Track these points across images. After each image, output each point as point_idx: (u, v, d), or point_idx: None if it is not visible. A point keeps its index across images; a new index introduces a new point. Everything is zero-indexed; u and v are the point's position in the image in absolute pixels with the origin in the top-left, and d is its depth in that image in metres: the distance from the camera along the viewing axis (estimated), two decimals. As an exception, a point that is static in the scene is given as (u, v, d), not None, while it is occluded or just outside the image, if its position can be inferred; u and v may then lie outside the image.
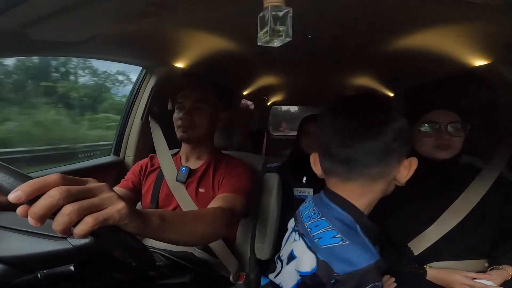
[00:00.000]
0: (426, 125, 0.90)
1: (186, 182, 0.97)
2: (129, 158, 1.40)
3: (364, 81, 2.12)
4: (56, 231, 0.32)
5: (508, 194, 0.88)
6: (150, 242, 0.87)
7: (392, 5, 0.82)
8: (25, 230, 0.41)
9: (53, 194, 0.31)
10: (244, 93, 2.40)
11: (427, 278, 0.83)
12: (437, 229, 0.86)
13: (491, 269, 0.82)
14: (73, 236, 0.34)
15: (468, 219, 0.85)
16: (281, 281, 0.62)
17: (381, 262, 0.50)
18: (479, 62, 1.13)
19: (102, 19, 0.79)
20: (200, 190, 0.96)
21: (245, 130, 2.63)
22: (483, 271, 0.83)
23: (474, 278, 0.80)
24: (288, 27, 0.43)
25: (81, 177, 0.36)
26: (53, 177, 0.33)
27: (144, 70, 1.36)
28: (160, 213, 0.48)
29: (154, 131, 1.24)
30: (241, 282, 0.96)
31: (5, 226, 0.42)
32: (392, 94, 2.17)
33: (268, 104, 3.25)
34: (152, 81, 1.37)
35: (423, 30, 1.00)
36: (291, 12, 0.43)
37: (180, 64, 1.35)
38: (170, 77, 1.40)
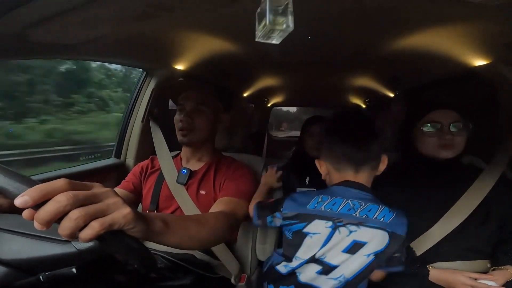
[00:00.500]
0: (429, 125, 0.90)
1: (187, 184, 0.97)
2: (130, 161, 1.40)
3: (364, 82, 2.12)
4: (62, 235, 0.32)
5: (510, 194, 0.88)
6: (152, 244, 0.87)
7: (392, 6, 0.82)
8: (29, 233, 0.41)
9: (61, 200, 0.32)
10: (245, 95, 2.40)
11: (430, 279, 0.83)
12: (440, 230, 0.86)
13: (494, 270, 0.82)
14: (77, 240, 0.34)
15: (471, 220, 0.85)
16: (333, 276, 0.74)
17: None
18: (480, 62, 1.13)
19: (103, 22, 0.78)
20: (201, 192, 0.96)
21: (246, 132, 2.63)
22: (486, 272, 0.83)
23: (477, 279, 0.79)
24: (289, 18, 0.42)
25: (86, 182, 0.36)
26: (60, 183, 0.33)
27: (145, 73, 1.36)
28: (163, 217, 0.49)
29: (155, 133, 1.24)
30: (243, 284, 0.95)
31: (9, 229, 0.42)
32: (393, 95, 2.17)
33: (269, 106, 3.25)
34: (153, 83, 1.37)
35: (423, 30, 1.00)
36: (291, 4, 0.42)
37: (181, 66, 1.36)
38: (171, 79, 1.41)
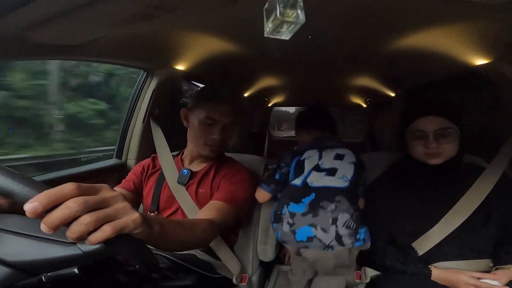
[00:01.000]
0: (415, 132, 0.89)
1: (187, 184, 0.97)
2: (131, 161, 1.40)
3: (365, 82, 2.12)
4: (70, 238, 0.33)
5: None
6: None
7: (392, 5, 0.82)
8: (33, 235, 0.41)
9: (71, 206, 0.32)
10: (245, 95, 2.40)
11: (432, 279, 0.83)
12: (442, 229, 0.86)
13: (496, 269, 0.81)
14: (82, 242, 0.34)
15: (472, 219, 0.85)
16: (338, 176, 0.95)
17: None
18: (480, 61, 1.13)
19: (103, 22, 0.79)
20: (200, 191, 0.96)
21: (247, 132, 2.63)
22: (488, 271, 0.82)
23: (480, 278, 0.79)
24: (299, 12, 0.40)
25: (88, 183, 0.37)
26: (69, 188, 0.33)
27: (145, 73, 1.36)
28: (160, 221, 0.49)
29: (156, 134, 1.24)
30: (244, 284, 0.95)
31: (13, 230, 0.42)
32: (393, 94, 2.17)
33: (269, 106, 3.25)
34: (153, 84, 1.37)
35: (424, 30, 1.00)
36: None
37: (181, 66, 1.36)
38: (171, 80, 1.41)
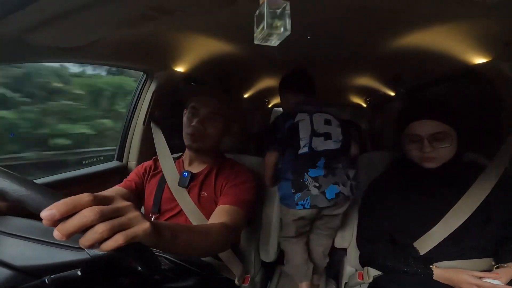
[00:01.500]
0: (410, 136, 0.89)
1: (189, 187, 0.96)
2: (132, 163, 1.41)
3: (365, 81, 2.12)
4: (83, 246, 0.35)
5: None
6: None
7: (392, 5, 0.82)
8: (40, 239, 0.42)
9: (88, 215, 0.34)
10: (245, 96, 2.40)
11: (434, 278, 0.82)
12: (443, 229, 0.85)
13: (498, 268, 0.81)
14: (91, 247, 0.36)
15: (473, 218, 0.84)
16: (335, 139, 1.13)
17: None
18: (480, 60, 1.13)
19: (102, 25, 0.79)
20: (202, 195, 0.95)
21: (247, 133, 2.63)
22: (490, 270, 0.82)
23: (481, 277, 0.79)
24: (286, 21, 0.43)
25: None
26: (86, 198, 0.35)
27: (145, 75, 1.37)
28: (171, 227, 0.50)
29: (156, 136, 1.24)
30: (246, 285, 0.95)
31: (21, 235, 0.42)
32: (393, 94, 2.17)
33: (269, 107, 3.25)
34: (153, 86, 1.37)
35: (424, 29, 1.00)
36: (289, 7, 0.43)
37: (181, 68, 1.36)
38: (171, 81, 1.41)
